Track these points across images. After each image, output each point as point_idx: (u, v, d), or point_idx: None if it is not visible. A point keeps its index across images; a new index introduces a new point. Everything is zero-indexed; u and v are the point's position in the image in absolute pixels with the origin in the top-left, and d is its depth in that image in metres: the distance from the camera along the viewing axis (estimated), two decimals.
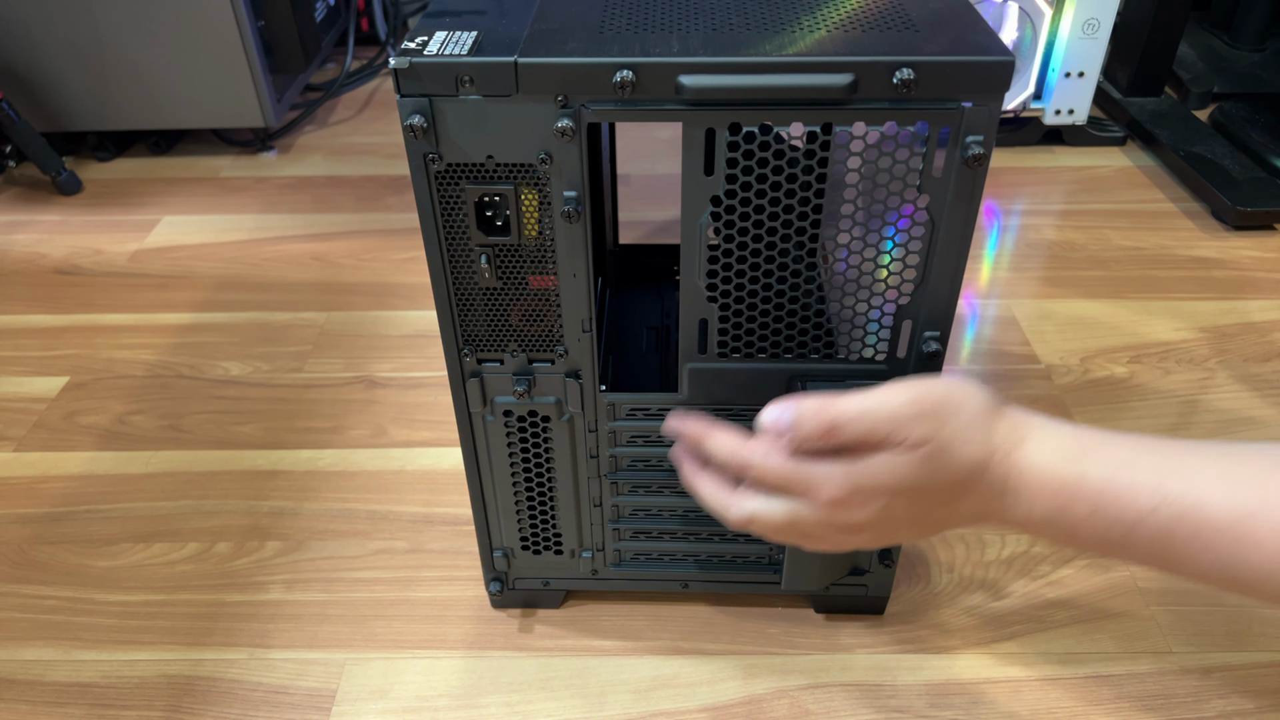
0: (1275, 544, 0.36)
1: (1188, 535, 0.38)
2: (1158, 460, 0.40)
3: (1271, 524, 0.36)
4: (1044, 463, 0.41)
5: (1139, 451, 0.40)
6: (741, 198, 0.42)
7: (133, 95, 1.15)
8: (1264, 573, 0.37)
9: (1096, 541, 0.41)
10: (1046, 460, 0.41)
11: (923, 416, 0.41)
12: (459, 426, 0.52)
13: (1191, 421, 0.77)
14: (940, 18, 0.42)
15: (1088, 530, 0.40)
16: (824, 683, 0.57)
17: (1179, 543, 0.38)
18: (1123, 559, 0.41)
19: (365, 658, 0.59)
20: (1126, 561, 0.40)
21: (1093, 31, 1.11)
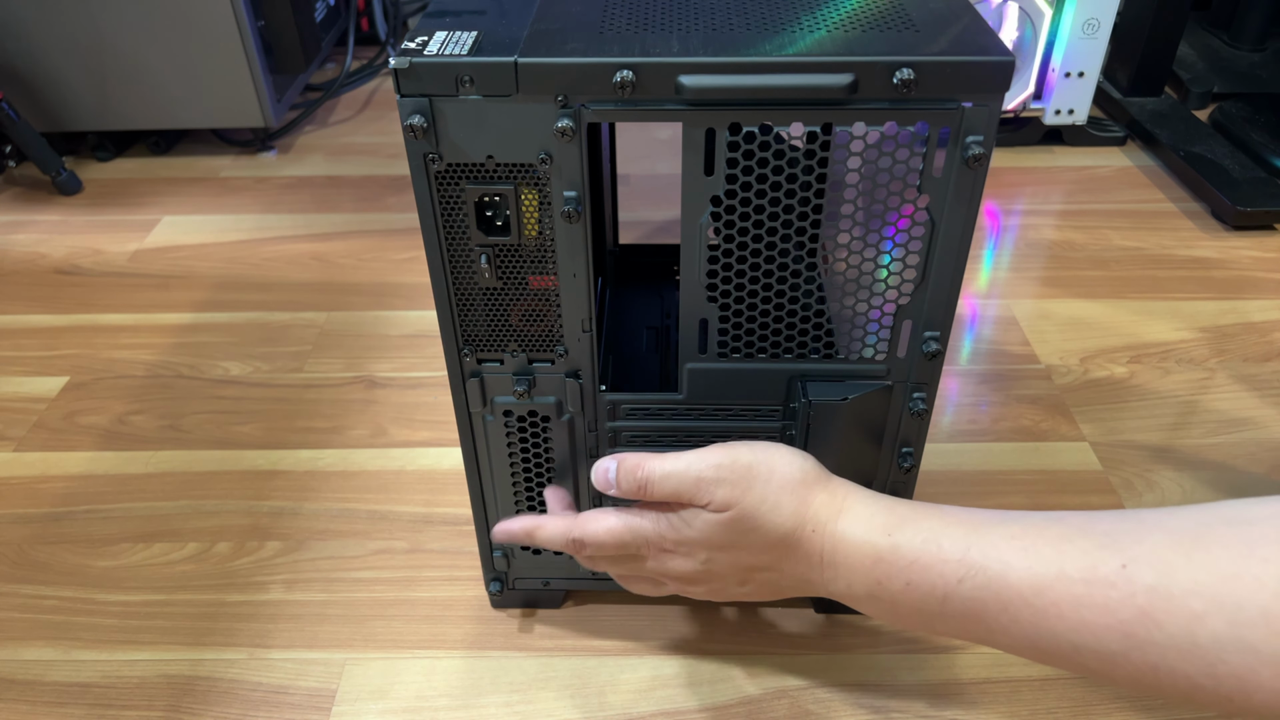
0: (1075, 613, 0.36)
1: (997, 607, 0.38)
2: (964, 530, 0.40)
3: (1070, 593, 0.36)
4: (858, 536, 0.42)
5: (947, 522, 0.40)
6: (741, 198, 0.42)
7: (133, 95, 1.15)
8: (1068, 644, 0.36)
9: (918, 616, 0.41)
10: (860, 533, 0.42)
11: (724, 482, 0.43)
12: (459, 426, 0.52)
13: (1191, 421, 0.77)
14: (940, 18, 0.42)
15: (907, 604, 0.41)
16: (824, 683, 0.57)
17: (990, 614, 0.38)
18: (949, 635, 0.42)
19: (365, 658, 0.59)
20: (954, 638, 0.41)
21: (1093, 31, 1.11)
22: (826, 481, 0.44)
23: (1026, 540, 0.38)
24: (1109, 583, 0.35)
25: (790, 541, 0.43)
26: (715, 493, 0.43)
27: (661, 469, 0.45)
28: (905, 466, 0.52)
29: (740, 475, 0.43)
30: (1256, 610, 0.32)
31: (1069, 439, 0.76)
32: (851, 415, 0.49)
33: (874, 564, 0.41)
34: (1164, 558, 0.34)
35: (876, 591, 0.41)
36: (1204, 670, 0.33)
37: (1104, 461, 0.73)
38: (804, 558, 0.43)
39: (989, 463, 0.73)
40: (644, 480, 0.45)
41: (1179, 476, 0.72)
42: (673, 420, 0.52)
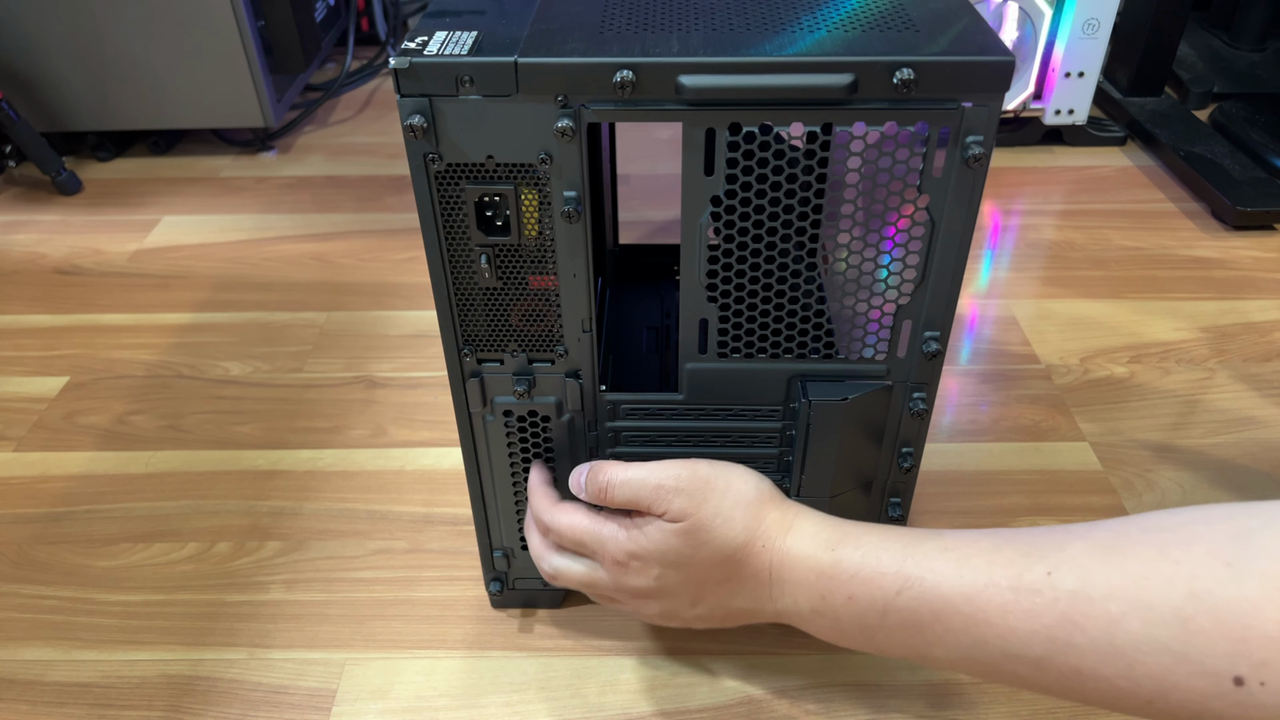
0: (1003, 620, 0.37)
1: (931, 616, 0.39)
2: (901, 545, 0.41)
3: (997, 600, 0.37)
4: (803, 551, 0.43)
5: (886, 537, 0.42)
6: (741, 198, 0.42)
7: (133, 95, 1.15)
8: (998, 652, 0.37)
9: (860, 631, 0.42)
10: (805, 548, 0.43)
11: (681, 491, 0.45)
12: (459, 426, 0.52)
13: (1191, 421, 0.77)
14: (940, 18, 0.42)
15: (849, 618, 0.42)
16: (824, 683, 0.57)
17: (925, 624, 0.39)
18: (891, 652, 0.43)
19: (365, 658, 0.59)
20: (895, 656, 0.42)
21: (1093, 31, 1.11)
22: (780, 501, 0.46)
23: (959, 552, 0.39)
24: (1034, 589, 0.36)
25: (740, 556, 0.44)
26: (673, 501, 0.45)
27: (623, 475, 0.46)
28: (905, 466, 0.52)
29: (698, 487, 0.45)
30: (1169, 610, 0.32)
31: (1069, 439, 0.76)
32: (851, 415, 0.49)
33: (817, 578, 0.43)
34: (1084, 563, 0.35)
35: (820, 606, 0.43)
36: (1123, 672, 0.34)
37: (1104, 461, 0.73)
38: (752, 574, 0.45)
39: (989, 463, 0.73)
40: (604, 484, 0.47)
41: (1179, 476, 0.72)
42: (673, 420, 0.52)
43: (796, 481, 0.52)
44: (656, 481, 0.45)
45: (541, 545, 0.51)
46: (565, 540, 0.49)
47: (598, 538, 0.48)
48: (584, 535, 0.48)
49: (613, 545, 0.47)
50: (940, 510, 0.69)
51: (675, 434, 0.52)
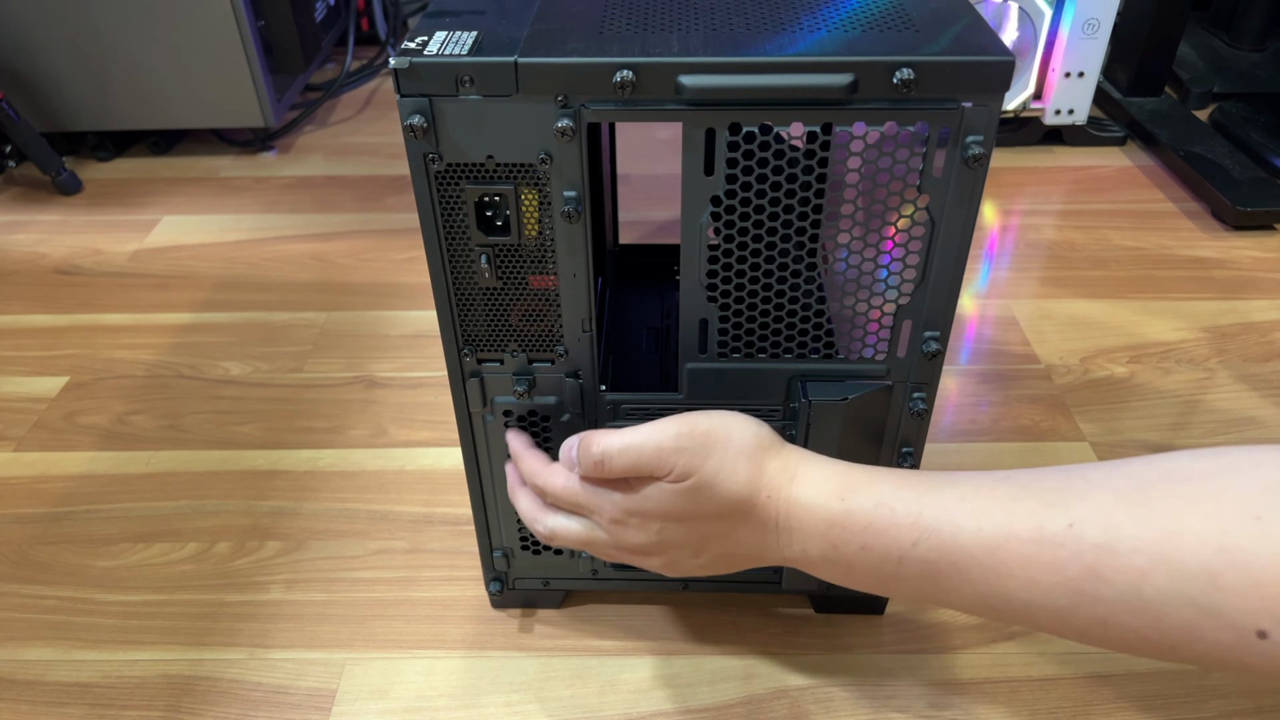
0: (1025, 572, 0.36)
1: (949, 568, 0.39)
2: (917, 493, 0.40)
3: (1019, 553, 0.37)
4: (812, 500, 0.42)
5: (900, 485, 0.41)
6: (741, 198, 0.42)
7: (133, 95, 1.15)
8: (1018, 602, 0.37)
9: (872, 577, 0.42)
10: (814, 497, 0.42)
11: (684, 451, 0.43)
12: (459, 426, 0.52)
13: (1191, 421, 0.77)
14: (940, 18, 0.42)
15: (862, 567, 0.41)
16: (824, 683, 0.57)
17: (942, 576, 0.39)
18: (903, 596, 0.43)
19: (365, 658, 0.59)
20: (910, 599, 0.42)
21: (1093, 31, 1.11)
22: (781, 448, 0.44)
23: (977, 503, 0.38)
24: (1057, 542, 0.36)
25: (745, 508, 0.43)
26: (676, 462, 0.43)
27: (620, 442, 0.44)
28: (905, 466, 0.52)
29: (699, 443, 0.43)
30: (1198, 565, 0.32)
31: (1069, 439, 0.76)
32: (851, 415, 0.49)
33: (828, 528, 0.42)
34: (1109, 515, 0.35)
35: (832, 555, 0.42)
36: (1150, 624, 0.34)
37: None
38: (759, 524, 0.43)
39: (989, 463, 0.73)
40: (600, 456, 0.45)
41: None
42: None
43: None
44: (656, 444, 0.43)
45: (534, 507, 0.50)
46: (561, 502, 0.48)
47: (591, 500, 0.46)
48: (580, 496, 0.47)
49: (609, 505, 0.46)
50: None
51: None
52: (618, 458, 0.44)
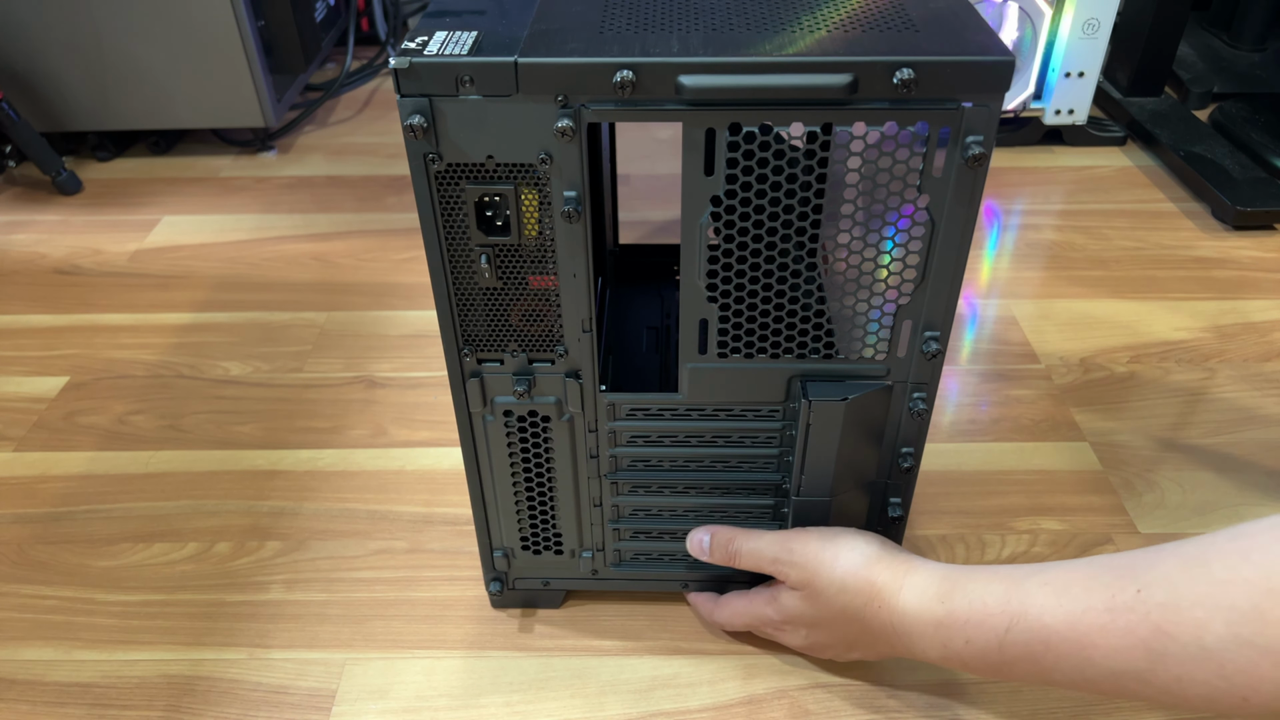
0: (1104, 640, 0.39)
1: (1041, 647, 0.42)
2: (1005, 585, 0.44)
3: (1096, 622, 0.40)
4: (918, 608, 0.46)
5: (991, 580, 0.45)
6: (741, 198, 0.42)
7: (133, 95, 1.15)
8: (1106, 670, 0.40)
9: (985, 666, 0.45)
10: (919, 605, 0.46)
11: (795, 565, 0.50)
12: (459, 426, 0.52)
13: (1191, 421, 0.77)
14: (940, 18, 0.42)
15: (974, 659, 0.45)
16: (824, 683, 0.57)
17: (1037, 655, 0.42)
18: (1022, 681, 0.49)
19: (365, 658, 0.59)
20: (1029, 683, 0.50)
21: (1093, 31, 1.11)
22: (890, 560, 0.49)
23: (1057, 584, 0.42)
24: (1128, 607, 0.39)
25: (863, 617, 0.49)
26: (789, 573, 0.51)
27: (747, 545, 0.53)
28: (905, 466, 0.52)
29: (809, 560, 0.50)
30: (1249, 607, 0.35)
31: (1069, 439, 0.76)
32: (851, 415, 0.49)
33: (935, 629, 0.46)
34: (1172, 577, 0.38)
35: (944, 653, 0.46)
36: (1216, 673, 0.36)
37: (1104, 461, 0.73)
38: (878, 629, 0.48)
39: (989, 463, 0.73)
40: (734, 553, 0.53)
41: (1179, 476, 0.72)
42: (673, 420, 0.52)
43: (796, 481, 0.52)
44: (773, 556, 0.51)
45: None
46: (735, 629, 0.58)
47: (754, 617, 0.55)
48: (744, 620, 0.56)
49: (766, 620, 0.55)
50: (940, 510, 0.69)
51: (675, 434, 0.52)
52: (745, 557, 0.53)
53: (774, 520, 0.56)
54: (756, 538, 0.53)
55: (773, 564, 0.52)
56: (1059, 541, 0.67)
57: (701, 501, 0.55)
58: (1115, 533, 0.67)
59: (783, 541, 0.51)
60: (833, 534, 0.51)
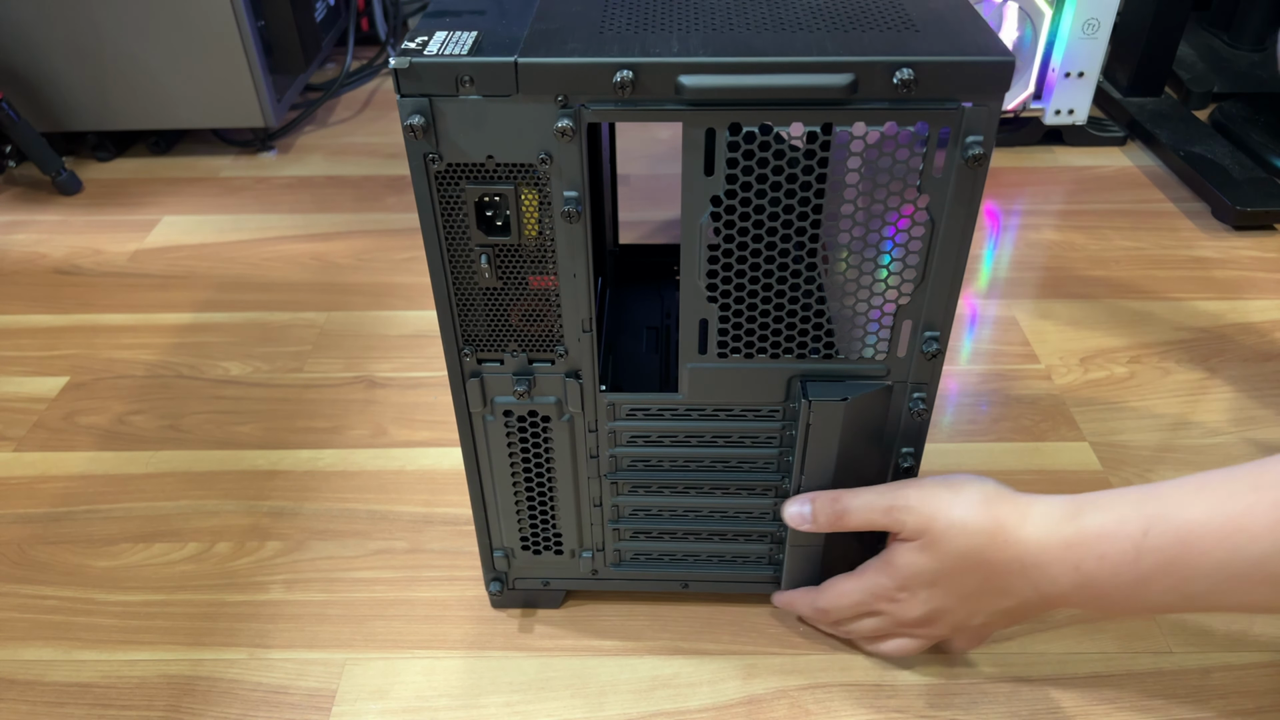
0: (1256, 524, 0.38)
1: (1181, 549, 0.41)
2: (1137, 495, 0.43)
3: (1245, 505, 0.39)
4: (1046, 531, 0.45)
5: (1121, 493, 0.44)
6: (742, 198, 0.42)
7: (133, 95, 1.15)
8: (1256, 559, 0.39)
9: (1119, 589, 0.43)
10: (1046, 528, 0.45)
11: (912, 510, 0.48)
12: (459, 426, 0.52)
13: (1192, 421, 0.77)
14: (940, 18, 0.42)
15: (1108, 578, 0.43)
16: (824, 683, 0.57)
17: (1179, 560, 0.41)
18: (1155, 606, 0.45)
19: (365, 658, 0.59)
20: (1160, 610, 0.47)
21: (1093, 31, 1.11)
22: (1011, 496, 0.47)
23: (1193, 484, 0.41)
24: (1273, 483, 0.38)
25: (985, 558, 0.46)
26: (905, 520, 0.48)
27: (856, 501, 0.50)
28: (905, 466, 0.52)
29: (926, 502, 0.48)
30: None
31: (1069, 439, 0.76)
32: (851, 415, 0.49)
33: (1066, 550, 0.44)
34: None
35: (1078, 577, 0.44)
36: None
37: (1104, 461, 0.73)
38: (1005, 572, 0.46)
39: (989, 463, 0.73)
40: (841, 511, 0.50)
41: (1179, 476, 0.72)
42: (673, 420, 0.52)
43: (796, 481, 0.52)
44: (887, 504, 0.49)
45: (832, 629, 0.58)
46: (845, 613, 0.54)
47: (869, 590, 0.52)
48: (855, 597, 0.53)
49: (879, 590, 0.51)
50: None
51: (675, 434, 0.52)
52: (855, 514, 0.50)
53: (774, 520, 0.56)
54: (864, 492, 0.50)
55: (887, 513, 0.49)
56: None
57: (701, 501, 0.55)
58: None
59: (896, 489, 0.49)
60: (948, 477, 0.49)
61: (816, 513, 0.51)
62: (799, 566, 0.56)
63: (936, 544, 0.47)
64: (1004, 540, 0.45)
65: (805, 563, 0.56)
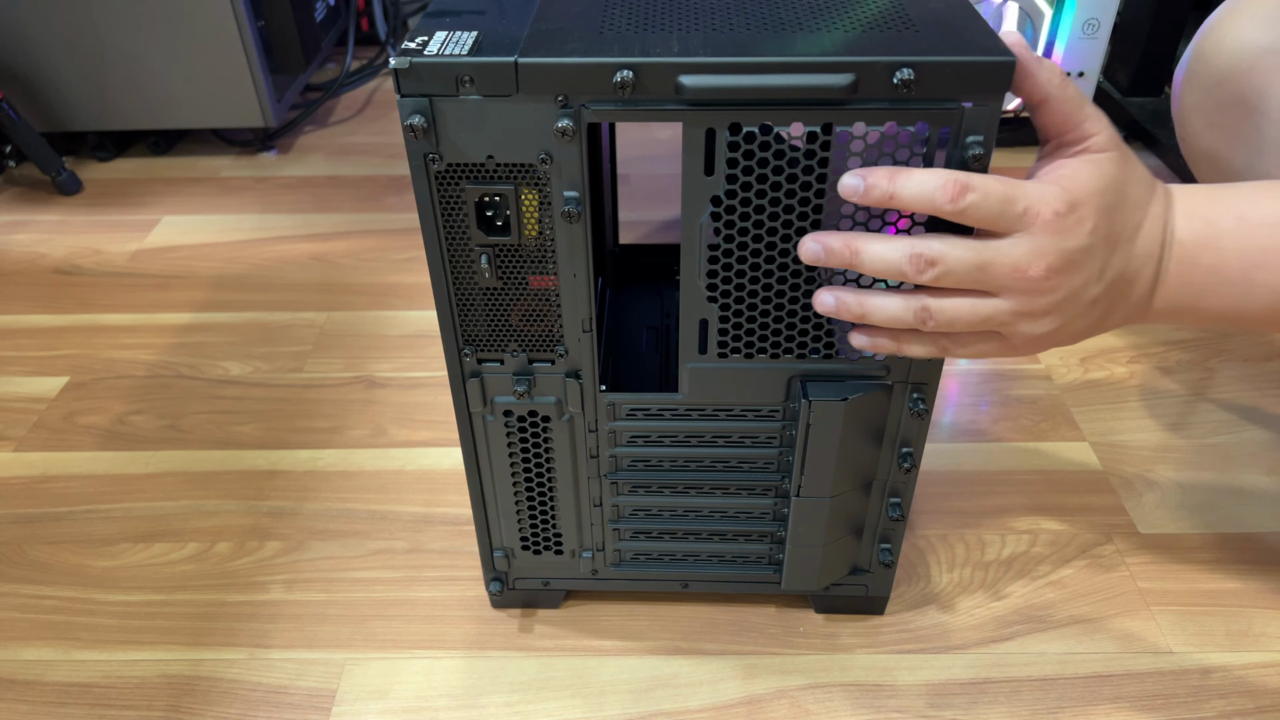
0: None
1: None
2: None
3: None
4: (1190, 190, 0.43)
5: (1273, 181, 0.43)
6: (742, 198, 0.42)
7: (133, 95, 1.15)
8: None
9: (1242, 255, 0.41)
10: (1192, 189, 0.43)
11: (1103, 119, 0.41)
12: (459, 426, 0.52)
13: (1191, 421, 0.77)
14: (940, 18, 0.42)
15: (1235, 243, 0.41)
16: (824, 683, 0.57)
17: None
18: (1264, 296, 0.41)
19: (365, 658, 0.59)
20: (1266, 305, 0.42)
21: (1093, 31, 1.11)
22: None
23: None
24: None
25: (1151, 182, 0.42)
26: (1095, 127, 0.40)
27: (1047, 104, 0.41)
28: (905, 466, 0.52)
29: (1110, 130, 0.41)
30: None
31: (1069, 439, 0.76)
32: (851, 415, 0.49)
33: (1204, 204, 0.42)
34: None
35: (1205, 232, 0.42)
36: None
37: (1104, 461, 0.73)
38: (1157, 199, 0.42)
39: (989, 463, 0.73)
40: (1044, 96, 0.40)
41: (1179, 476, 0.72)
42: (673, 420, 0.52)
43: (796, 481, 0.52)
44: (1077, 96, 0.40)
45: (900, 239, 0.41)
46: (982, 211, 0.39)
47: (1025, 195, 0.39)
48: (1006, 193, 0.39)
49: (1049, 198, 0.39)
50: (940, 510, 0.69)
51: (675, 434, 0.52)
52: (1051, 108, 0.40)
53: (774, 521, 0.56)
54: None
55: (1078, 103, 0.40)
56: (1059, 541, 0.67)
57: (701, 501, 0.55)
58: (1115, 533, 0.67)
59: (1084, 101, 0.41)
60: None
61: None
62: (799, 563, 0.56)
63: (1128, 158, 0.41)
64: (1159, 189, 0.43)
65: (806, 559, 0.56)
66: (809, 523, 0.53)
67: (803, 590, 0.60)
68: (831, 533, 0.54)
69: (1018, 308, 0.41)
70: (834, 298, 0.43)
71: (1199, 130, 0.67)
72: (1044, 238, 0.39)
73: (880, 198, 0.39)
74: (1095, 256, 0.41)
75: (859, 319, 0.43)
